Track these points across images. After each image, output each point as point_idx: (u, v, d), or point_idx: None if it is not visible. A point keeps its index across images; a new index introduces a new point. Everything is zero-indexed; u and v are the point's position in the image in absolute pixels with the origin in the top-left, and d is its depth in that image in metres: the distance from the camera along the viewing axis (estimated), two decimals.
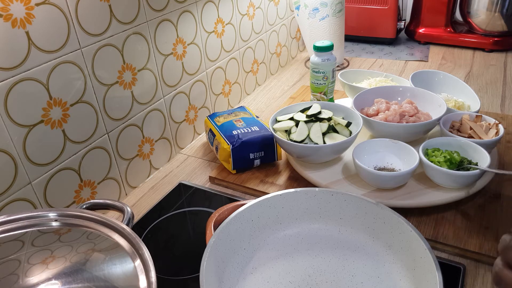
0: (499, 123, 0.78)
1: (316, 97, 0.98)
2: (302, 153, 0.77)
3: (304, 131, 0.77)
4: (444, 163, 0.69)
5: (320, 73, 0.94)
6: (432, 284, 0.48)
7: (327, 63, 0.93)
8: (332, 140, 0.76)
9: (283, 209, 0.63)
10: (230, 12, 1.03)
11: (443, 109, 0.81)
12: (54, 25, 0.62)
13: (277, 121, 0.82)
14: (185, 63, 0.91)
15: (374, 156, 0.76)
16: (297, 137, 0.77)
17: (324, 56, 0.93)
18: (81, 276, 0.45)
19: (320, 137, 0.77)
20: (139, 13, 0.76)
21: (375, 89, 0.91)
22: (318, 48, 0.93)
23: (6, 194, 0.61)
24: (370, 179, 0.71)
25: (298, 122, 0.79)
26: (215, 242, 0.55)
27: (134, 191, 0.84)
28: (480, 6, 1.29)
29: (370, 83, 1.01)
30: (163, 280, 0.62)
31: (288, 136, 0.78)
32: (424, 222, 0.68)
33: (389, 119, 0.80)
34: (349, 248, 0.60)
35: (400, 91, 0.91)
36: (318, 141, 0.76)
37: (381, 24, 1.43)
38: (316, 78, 0.96)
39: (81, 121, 0.70)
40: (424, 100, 0.87)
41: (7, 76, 0.58)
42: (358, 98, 0.87)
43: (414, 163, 0.70)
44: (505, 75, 1.18)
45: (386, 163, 0.76)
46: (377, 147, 0.77)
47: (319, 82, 0.96)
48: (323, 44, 0.93)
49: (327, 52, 0.93)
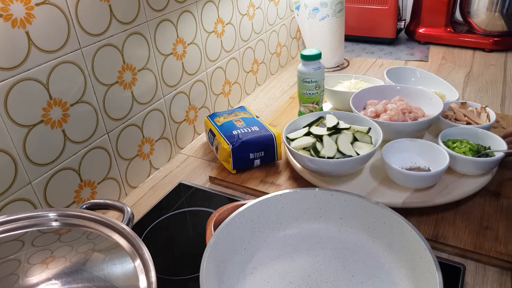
0: (486, 106, 0.84)
1: (308, 107, 0.93)
2: (337, 169, 0.71)
3: (333, 145, 0.73)
4: (469, 152, 0.72)
5: (312, 83, 0.89)
6: (432, 284, 0.48)
7: (319, 71, 0.89)
8: (361, 150, 0.73)
9: (283, 209, 0.63)
10: (230, 12, 1.03)
11: (438, 102, 0.83)
12: (54, 25, 0.62)
13: (290, 139, 0.77)
14: (185, 63, 0.91)
15: (397, 156, 0.75)
16: (328, 152, 0.72)
17: (315, 64, 0.89)
18: (81, 276, 0.45)
19: (351, 149, 0.72)
20: (139, 13, 0.76)
21: (370, 89, 0.92)
22: (307, 57, 0.88)
23: (6, 194, 0.61)
24: (405, 181, 0.70)
25: (320, 137, 0.75)
26: (215, 242, 0.55)
27: (134, 191, 0.84)
28: (480, 6, 1.29)
29: (348, 86, 1.00)
30: (163, 280, 0.62)
31: (314, 153, 0.73)
32: (424, 222, 0.68)
33: (394, 118, 0.81)
34: (349, 248, 0.60)
35: (396, 90, 0.92)
36: (351, 153, 0.72)
37: (381, 24, 1.43)
38: (307, 89, 0.90)
39: (81, 121, 0.70)
40: (411, 96, 0.89)
41: (7, 76, 0.58)
42: (355, 101, 0.87)
43: (439, 159, 0.71)
44: (505, 75, 1.18)
45: (411, 163, 0.75)
46: (400, 147, 0.76)
47: (311, 92, 0.91)
48: (312, 52, 0.88)
49: (317, 60, 0.89)
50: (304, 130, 0.78)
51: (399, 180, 0.71)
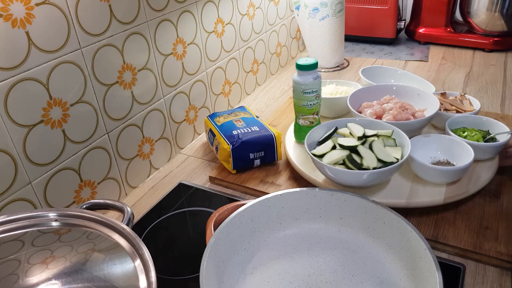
0: (465, 94, 0.90)
1: (308, 119, 0.85)
2: (385, 177, 0.68)
3: (370, 154, 0.69)
4: (481, 139, 0.77)
5: (312, 93, 0.82)
6: (432, 284, 0.48)
7: (318, 80, 0.82)
8: (394, 153, 0.70)
9: (283, 209, 0.63)
10: (230, 12, 1.03)
11: (426, 96, 0.87)
12: (54, 25, 0.62)
13: (318, 156, 0.72)
14: (185, 63, 0.91)
15: (418, 152, 0.75)
16: (371, 162, 0.67)
17: (313, 74, 0.81)
18: (81, 276, 0.45)
19: (389, 154, 0.69)
20: (139, 13, 0.76)
21: (364, 89, 0.92)
22: (305, 66, 0.80)
23: (6, 194, 0.61)
24: (438, 177, 0.70)
25: (351, 148, 0.70)
26: (215, 242, 0.55)
27: (134, 191, 0.84)
28: (480, 6, 1.29)
29: (331, 92, 0.98)
30: (163, 280, 0.62)
31: (354, 166, 0.68)
32: (424, 222, 0.68)
33: (398, 117, 0.81)
34: (349, 248, 0.60)
35: (389, 90, 0.93)
36: (391, 159, 0.68)
37: (381, 24, 1.43)
38: (308, 100, 0.82)
39: (81, 121, 0.70)
40: (400, 93, 0.91)
41: (7, 76, 0.58)
42: (352, 103, 0.87)
43: (456, 151, 0.74)
44: (505, 75, 1.18)
45: (430, 158, 0.76)
46: (418, 144, 0.76)
47: (312, 103, 0.83)
48: (308, 61, 0.81)
49: (315, 69, 0.81)
50: (329, 143, 0.73)
51: (430, 177, 0.71)
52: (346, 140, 0.73)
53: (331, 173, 0.69)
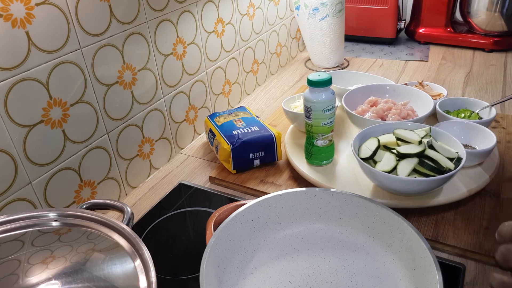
0: (422, 81, 0.98)
1: (327, 138, 0.78)
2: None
3: (439, 155, 0.67)
4: (477, 116, 0.84)
5: (331, 110, 0.75)
6: (432, 284, 0.48)
7: (334, 95, 0.75)
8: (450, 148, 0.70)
9: (283, 209, 0.63)
10: (230, 12, 1.03)
11: (404, 90, 0.91)
12: (54, 25, 0.62)
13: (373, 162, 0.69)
14: (185, 63, 0.91)
15: None
16: (447, 163, 0.66)
17: (330, 88, 0.75)
18: (81, 276, 0.45)
19: (450, 150, 0.68)
20: (139, 13, 0.76)
21: (360, 89, 0.92)
22: (321, 82, 0.72)
23: (6, 194, 0.61)
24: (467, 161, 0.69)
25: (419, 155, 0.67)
26: (215, 242, 0.55)
27: (134, 191, 0.84)
28: (480, 6, 1.29)
29: None
30: (163, 280, 0.62)
31: (432, 171, 0.65)
32: (424, 222, 0.68)
33: (402, 115, 0.82)
34: (349, 248, 0.60)
35: (385, 89, 0.94)
36: (454, 154, 0.67)
37: (381, 24, 1.43)
38: (329, 117, 0.75)
39: (81, 121, 0.70)
40: (396, 93, 0.93)
41: (7, 76, 0.58)
42: (350, 104, 0.87)
43: (475, 135, 0.77)
44: (505, 75, 1.18)
45: None
46: None
47: (332, 120, 0.76)
48: (322, 77, 0.73)
49: (330, 84, 0.74)
50: (390, 157, 0.69)
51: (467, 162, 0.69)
52: (405, 148, 0.68)
53: (417, 187, 0.65)
